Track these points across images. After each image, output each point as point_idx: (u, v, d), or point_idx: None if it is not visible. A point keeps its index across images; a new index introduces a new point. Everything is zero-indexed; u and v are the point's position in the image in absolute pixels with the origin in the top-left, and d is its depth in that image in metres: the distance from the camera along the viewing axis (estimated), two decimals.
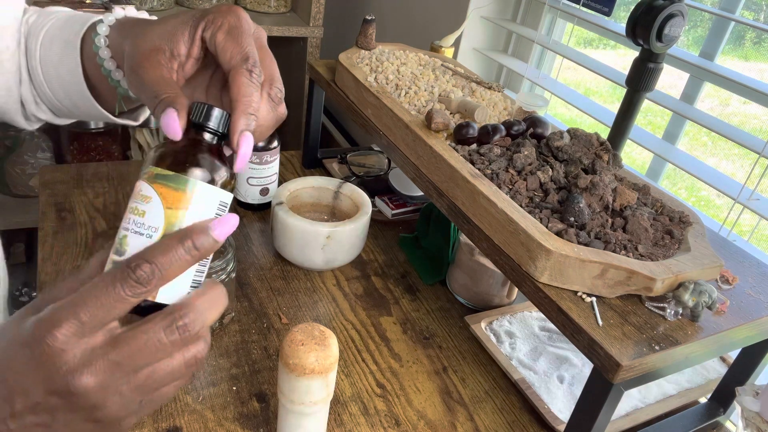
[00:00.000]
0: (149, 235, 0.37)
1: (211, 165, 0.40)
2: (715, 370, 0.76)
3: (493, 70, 1.29)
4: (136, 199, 0.38)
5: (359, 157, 1.07)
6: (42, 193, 0.91)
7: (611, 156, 0.65)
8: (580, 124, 1.09)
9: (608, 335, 0.51)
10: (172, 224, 0.37)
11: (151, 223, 0.37)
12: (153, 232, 0.37)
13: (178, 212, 0.38)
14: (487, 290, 0.80)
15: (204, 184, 0.39)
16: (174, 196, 0.38)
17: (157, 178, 0.38)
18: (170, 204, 0.38)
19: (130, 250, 0.37)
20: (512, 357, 0.73)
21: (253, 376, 0.66)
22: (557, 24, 1.16)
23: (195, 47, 0.42)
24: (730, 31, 0.89)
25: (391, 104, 0.77)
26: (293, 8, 1.61)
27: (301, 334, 0.51)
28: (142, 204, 0.38)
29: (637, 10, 0.65)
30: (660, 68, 0.68)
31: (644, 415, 0.67)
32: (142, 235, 0.37)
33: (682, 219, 0.64)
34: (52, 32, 0.55)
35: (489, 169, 0.65)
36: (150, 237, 0.37)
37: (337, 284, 0.83)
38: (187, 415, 0.60)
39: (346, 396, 0.66)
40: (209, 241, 0.36)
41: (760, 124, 1.54)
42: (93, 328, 0.32)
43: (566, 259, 0.54)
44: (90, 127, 1.53)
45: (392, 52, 0.94)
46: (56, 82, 0.56)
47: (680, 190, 1.60)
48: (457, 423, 0.65)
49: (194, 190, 0.38)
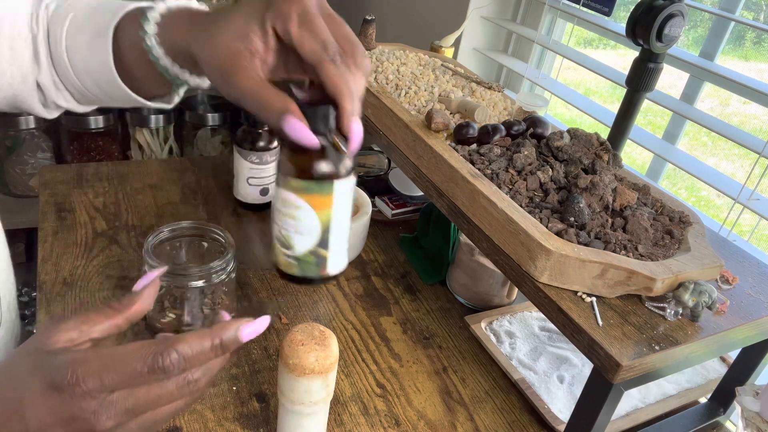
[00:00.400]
0: (310, 233, 0.46)
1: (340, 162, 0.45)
2: (715, 370, 0.76)
3: (493, 70, 1.29)
4: (287, 206, 0.46)
5: (359, 157, 1.07)
6: (42, 193, 0.91)
7: (611, 156, 0.65)
8: (580, 124, 1.09)
9: (608, 335, 0.51)
10: (325, 222, 0.46)
11: (308, 224, 0.45)
12: (313, 230, 0.46)
13: (328, 211, 0.46)
14: (487, 290, 0.80)
15: (340, 181, 0.45)
16: (320, 201, 0.45)
17: (302, 189, 0.45)
18: (319, 208, 0.45)
19: (298, 246, 0.46)
20: (512, 357, 0.73)
21: (253, 376, 0.66)
22: (557, 24, 1.16)
23: (270, 40, 0.42)
24: (730, 31, 0.89)
25: (391, 104, 0.77)
26: None
27: (301, 334, 0.51)
28: (295, 211, 0.45)
29: (637, 10, 0.65)
30: (660, 68, 0.68)
31: (644, 415, 0.67)
32: (303, 234, 0.46)
33: (682, 219, 0.64)
34: (80, 20, 0.55)
35: (489, 169, 0.65)
36: (311, 234, 0.46)
37: (337, 284, 0.83)
38: (187, 415, 0.60)
39: (346, 396, 0.66)
40: (236, 342, 0.39)
41: (760, 124, 1.54)
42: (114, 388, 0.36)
43: (566, 259, 0.54)
44: (90, 127, 1.53)
45: (392, 52, 0.94)
46: (84, 71, 0.55)
47: (680, 190, 1.60)
48: (457, 423, 0.65)
49: (334, 190, 0.45)
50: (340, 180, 0.45)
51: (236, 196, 0.94)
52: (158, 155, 1.60)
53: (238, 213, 0.94)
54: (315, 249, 0.48)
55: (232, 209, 0.95)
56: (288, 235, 0.47)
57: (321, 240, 0.47)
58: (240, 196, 0.94)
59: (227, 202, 0.96)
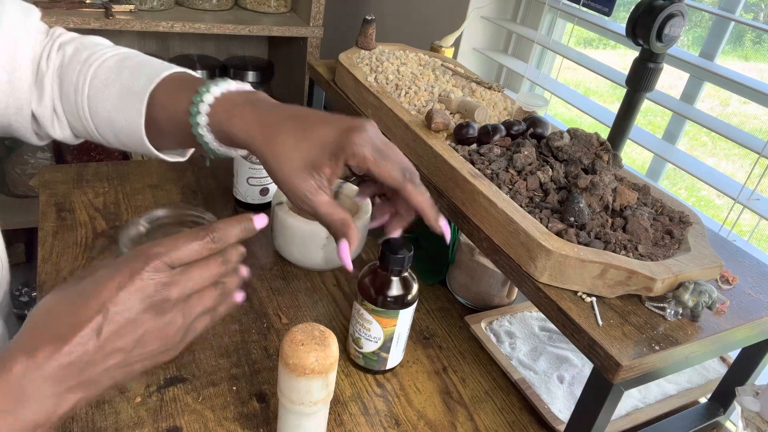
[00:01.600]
0: (376, 341, 0.65)
1: (407, 292, 0.63)
2: (715, 370, 0.76)
3: (493, 70, 1.29)
4: (362, 319, 0.64)
5: None
6: (42, 193, 0.91)
7: (611, 156, 0.65)
8: (580, 124, 1.09)
9: (608, 335, 0.51)
10: (388, 335, 0.64)
11: (375, 335, 0.64)
12: (378, 339, 0.65)
13: (392, 328, 0.64)
14: (487, 290, 0.80)
15: (404, 310, 0.63)
16: (388, 321, 0.64)
17: (374, 311, 0.63)
18: (386, 326, 0.64)
19: (365, 347, 0.66)
20: (512, 357, 0.73)
21: (253, 376, 0.66)
22: (557, 24, 1.16)
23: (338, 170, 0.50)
24: (730, 31, 0.89)
25: (391, 104, 0.77)
26: (293, 8, 1.61)
27: (301, 334, 0.51)
28: (367, 323, 0.64)
29: (637, 10, 0.65)
30: (660, 68, 0.68)
31: (644, 415, 0.67)
32: (370, 340, 0.65)
33: (682, 219, 0.64)
34: (107, 74, 0.56)
35: (489, 169, 0.65)
36: (377, 342, 0.65)
37: (337, 284, 0.83)
38: (187, 415, 0.60)
39: (346, 396, 0.66)
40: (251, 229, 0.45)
41: (760, 124, 1.54)
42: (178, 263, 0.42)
43: (566, 259, 0.54)
44: None
45: (392, 52, 0.94)
46: (107, 123, 0.57)
47: (680, 190, 1.61)
48: (457, 423, 0.65)
49: (399, 316, 0.63)
50: (404, 309, 0.63)
51: (236, 196, 0.94)
52: None
53: (238, 213, 0.94)
54: (378, 351, 0.66)
55: (232, 209, 0.95)
56: (359, 338, 0.66)
57: (383, 346, 0.65)
58: (240, 196, 0.94)
59: (227, 202, 0.96)
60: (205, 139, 0.52)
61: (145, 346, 0.40)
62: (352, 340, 0.67)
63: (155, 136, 0.56)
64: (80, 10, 1.31)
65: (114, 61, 0.57)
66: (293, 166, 0.49)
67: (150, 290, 0.40)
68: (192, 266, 0.42)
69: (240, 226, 0.44)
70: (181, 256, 0.41)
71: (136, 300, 0.39)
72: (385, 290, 0.62)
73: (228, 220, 0.44)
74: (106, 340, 0.38)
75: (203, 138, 0.52)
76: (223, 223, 0.44)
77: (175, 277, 0.41)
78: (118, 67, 0.56)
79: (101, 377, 0.39)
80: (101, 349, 0.38)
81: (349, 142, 0.48)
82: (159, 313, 0.40)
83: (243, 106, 0.51)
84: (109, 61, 0.57)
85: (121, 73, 0.56)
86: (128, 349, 0.40)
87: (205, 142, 0.53)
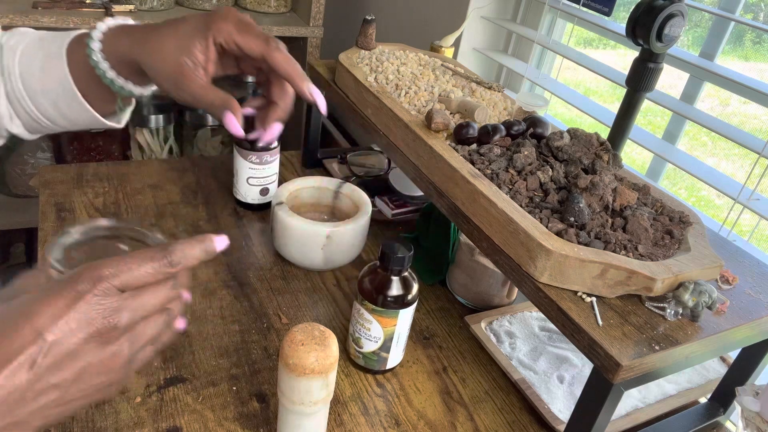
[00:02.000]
0: (376, 341, 0.65)
1: (407, 291, 0.63)
2: (715, 370, 0.76)
3: (493, 70, 1.29)
4: (362, 318, 0.65)
5: (359, 157, 1.07)
6: (42, 193, 0.91)
7: (611, 156, 0.65)
8: (580, 124, 1.09)
9: (608, 335, 0.51)
10: (388, 335, 0.65)
11: (375, 335, 0.65)
12: (378, 339, 0.65)
13: (392, 328, 0.64)
14: (487, 290, 0.80)
15: (404, 310, 0.64)
16: (388, 321, 0.64)
17: (374, 311, 0.63)
18: (386, 325, 0.64)
19: (365, 347, 0.66)
20: (512, 357, 0.73)
21: (253, 376, 0.66)
22: (557, 24, 1.16)
23: (211, 53, 0.52)
24: (730, 31, 0.89)
25: (391, 104, 0.77)
26: (293, 8, 1.61)
27: (301, 334, 0.51)
28: (367, 323, 0.64)
29: (637, 10, 0.65)
30: (660, 68, 0.68)
31: (644, 415, 0.67)
32: (370, 340, 0.65)
33: (682, 219, 0.64)
34: (30, 49, 0.58)
35: (489, 169, 0.65)
36: (377, 341, 0.65)
37: (337, 284, 0.83)
38: (187, 415, 0.60)
39: (346, 396, 0.66)
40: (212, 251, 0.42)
41: (760, 124, 1.54)
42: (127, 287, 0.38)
43: (566, 259, 0.54)
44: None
45: (392, 52, 0.94)
46: (40, 93, 0.57)
47: (680, 190, 1.60)
48: (457, 423, 0.65)
49: (399, 316, 0.64)
50: (404, 309, 0.63)
51: (236, 196, 0.94)
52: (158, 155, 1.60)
53: (238, 213, 0.94)
54: (378, 351, 0.66)
55: (232, 209, 0.95)
56: (359, 338, 0.66)
57: (383, 346, 0.66)
58: (240, 196, 0.94)
59: (227, 202, 0.96)
60: (101, 66, 0.54)
61: (85, 381, 0.36)
62: (352, 340, 0.67)
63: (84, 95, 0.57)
64: (80, 10, 1.31)
65: (35, 37, 0.59)
66: (167, 57, 0.51)
67: (95, 316, 0.35)
68: (143, 290, 0.38)
69: (200, 246, 0.41)
70: (133, 280, 0.37)
71: (79, 328, 0.35)
72: (385, 290, 0.62)
73: (187, 241, 0.41)
74: (40, 374, 0.34)
75: (99, 65, 0.54)
76: (181, 244, 0.40)
77: (125, 302, 0.37)
78: (39, 40, 0.58)
79: (31, 418, 0.35)
80: (34, 385, 0.34)
81: (213, 20, 0.51)
82: (104, 342, 0.36)
83: (130, 28, 0.55)
84: (31, 37, 0.59)
85: (41, 43, 0.58)
86: (65, 385, 0.35)
87: (102, 69, 0.54)
